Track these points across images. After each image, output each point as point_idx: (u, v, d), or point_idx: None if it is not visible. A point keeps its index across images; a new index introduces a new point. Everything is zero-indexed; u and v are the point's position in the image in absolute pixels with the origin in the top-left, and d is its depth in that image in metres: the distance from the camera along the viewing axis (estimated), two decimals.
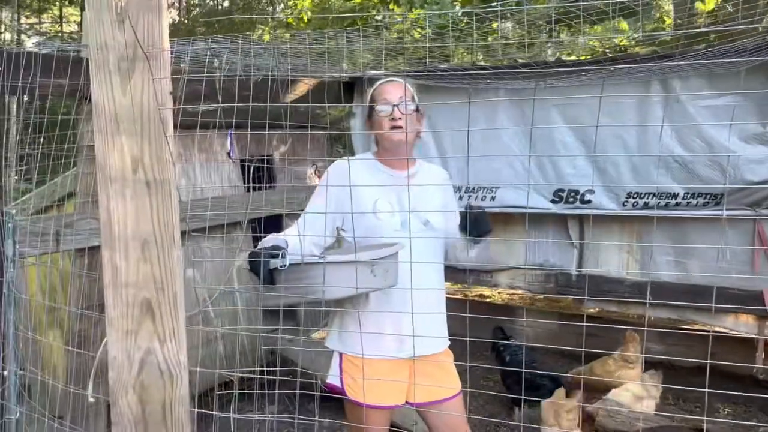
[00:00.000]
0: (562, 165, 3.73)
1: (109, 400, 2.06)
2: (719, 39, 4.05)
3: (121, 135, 1.51)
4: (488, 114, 3.85)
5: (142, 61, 1.50)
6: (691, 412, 3.65)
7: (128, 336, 1.55)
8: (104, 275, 1.56)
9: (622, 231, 3.87)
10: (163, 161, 1.52)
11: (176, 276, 1.55)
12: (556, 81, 3.47)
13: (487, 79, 3.57)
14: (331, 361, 2.06)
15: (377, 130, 2.05)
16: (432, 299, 2.00)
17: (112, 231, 1.53)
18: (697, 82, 3.39)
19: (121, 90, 1.51)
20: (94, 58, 1.52)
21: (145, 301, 1.53)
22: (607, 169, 3.64)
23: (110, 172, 1.52)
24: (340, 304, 2.01)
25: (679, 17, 6.90)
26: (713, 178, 3.40)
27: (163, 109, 1.51)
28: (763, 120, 3.26)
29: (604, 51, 5.89)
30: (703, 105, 3.37)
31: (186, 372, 1.58)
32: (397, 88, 2.03)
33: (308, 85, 3.63)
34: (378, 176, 2.06)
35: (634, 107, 3.55)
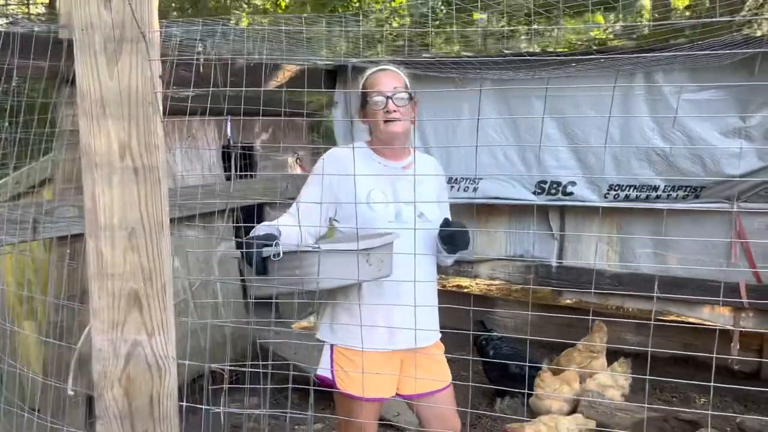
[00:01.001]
0: (545, 156, 3.74)
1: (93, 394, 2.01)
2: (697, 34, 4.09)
3: (107, 119, 1.45)
4: (473, 105, 3.84)
5: (130, 42, 1.44)
6: (669, 402, 3.71)
7: (114, 328, 1.50)
8: (89, 265, 1.50)
9: (603, 223, 3.90)
10: (152, 147, 1.47)
11: (165, 266, 1.50)
12: (542, 72, 3.47)
13: (477, 69, 3.54)
14: (322, 353, 2.03)
15: (371, 120, 2.01)
16: (424, 291, 1.98)
17: (98, 219, 1.47)
18: (679, 75, 3.42)
19: (107, 72, 1.45)
20: (79, 38, 1.45)
21: (132, 292, 1.48)
22: (590, 161, 3.65)
23: (96, 157, 1.46)
24: (332, 294, 1.98)
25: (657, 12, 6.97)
26: (694, 171, 3.43)
27: (153, 93, 1.45)
28: (744, 114, 3.30)
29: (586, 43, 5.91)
30: (684, 98, 3.39)
31: (174, 365, 1.53)
32: (391, 78, 1.99)
33: (291, 72, 3.57)
34: (372, 166, 2.03)
35: (618, 100, 3.56)
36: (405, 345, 1.98)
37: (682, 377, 3.97)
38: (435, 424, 2.07)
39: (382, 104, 1.96)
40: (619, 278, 3.81)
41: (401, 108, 1.98)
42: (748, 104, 3.29)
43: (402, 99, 1.97)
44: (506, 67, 3.52)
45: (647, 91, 3.47)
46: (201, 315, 3.29)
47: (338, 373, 1.97)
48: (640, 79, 3.49)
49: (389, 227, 1.92)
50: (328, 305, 2.02)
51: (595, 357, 3.57)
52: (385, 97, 1.95)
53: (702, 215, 3.55)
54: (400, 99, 1.97)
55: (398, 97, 1.96)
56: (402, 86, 1.99)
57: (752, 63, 3.21)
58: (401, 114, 1.99)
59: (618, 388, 3.23)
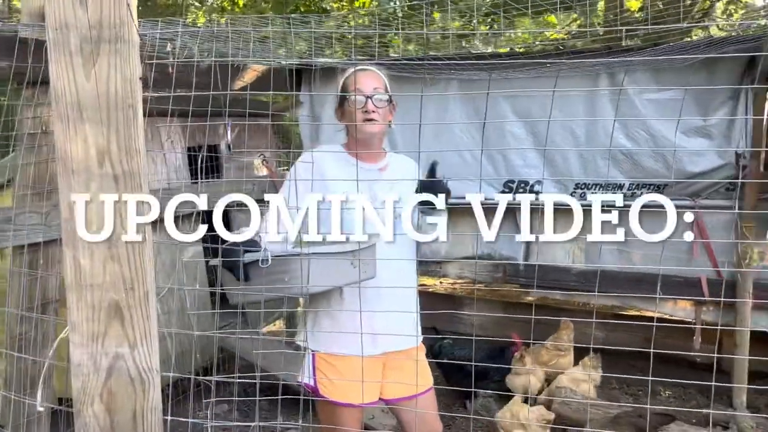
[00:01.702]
0: (512, 157, 3.76)
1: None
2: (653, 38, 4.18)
3: (84, 123, 1.39)
4: (440, 105, 3.84)
5: (108, 43, 1.38)
6: (636, 396, 3.79)
7: (94, 341, 1.44)
8: (66, 276, 1.43)
9: (568, 221, 3.94)
10: (133, 152, 1.41)
11: (147, 274, 1.45)
12: (509, 73, 3.49)
13: (450, 69, 3.54)
14: (303, 360, 1.99)
15: (348, 121, 1.98)
16: (406, 294, 1.97)
17: (75, 228, 1.41)
18: (643, 76, 3.49)
19: (84, 74, 1.38)
20: (53, 38, 1.39)
21: (113, 303, 1.42)
22: (556, 160, 3.70)
23: (72, 163, 1.40)
24: (313, 299, 1.95)
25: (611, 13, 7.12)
26: (657, 169, 3.51)
27: (134, 96, 1.39)
28: (704, 114, 3.39)
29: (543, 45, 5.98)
30: (647, 99, 3.47)
31: (158, 377, 1.48)
32: (372, 79, 1.97)
33: (256, 72, 3.50)
34: (348, 169, 2.00)
35: (583, 100, 3.61)
36: (387, 348, 1.96)
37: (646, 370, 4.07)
38: (417, 428, 2.06)
39: (361, 104, 1.94)
40: (585, 275, 3.87)
41: (380, 109, 1.96)
42: (709, 104, 3.38)
43: (381, 101, 1.96)
44: (472, 69, 3.53)
45: (611, 91, 3.54)
46: (167, 321, 3.20)
47: (321, 380, 1.94)
48: (604, 79, 3.55)
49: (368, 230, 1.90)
50: (309, 312, 1.99)
51: (562, 355, 3.63)
52: (365, 96, 1.93)
53: (665, 213, 3.62)
54: (380, 100, 1.95)
55: (378, 98, 1.95)
56: (382, 88, 1.97)
57: (711, 64, 3.31)
58: (379, 115, 1.97)
59: (591, 382, 3.28)
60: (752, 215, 3.39)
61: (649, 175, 3.53)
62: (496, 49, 5.04)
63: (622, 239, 1.51)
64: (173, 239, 1.56)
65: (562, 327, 3.73)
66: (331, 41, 4.33)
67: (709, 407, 3.32)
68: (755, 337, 3.44)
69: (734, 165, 3.42)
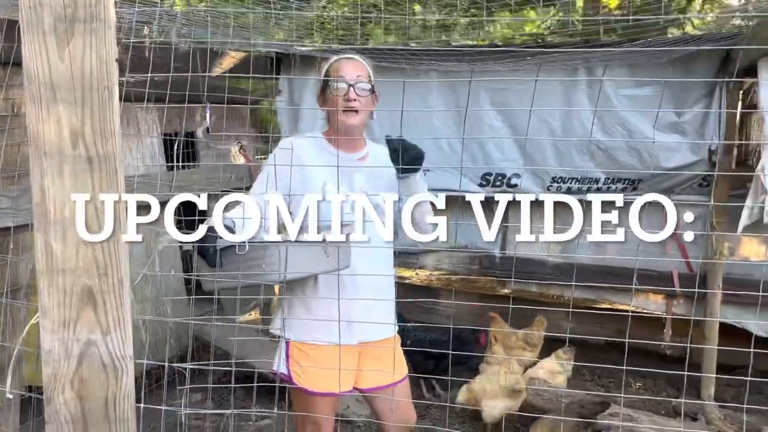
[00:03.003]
0: (490, 149, 3.78)
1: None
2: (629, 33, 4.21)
3: (57, 104, 1.36)
4: (421, 95, 3.83)
5: (83, 23, 1.35)
6: (606, 387, 3.84)
7: (66, 327, 1.41)
8: (37, 261, 1.40)
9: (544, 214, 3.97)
10: (108, 134, 1.38)
11: (122, 260, 1.42)
12: (488, 65, 3.50)
13: (430, 61, 3.53)
14: (277, 348, 1.98)
15: (330, 108, 1.97)
16: (381, 284, 1.96)
17: (47, 211, 1.38)
18: (619, 71, 3.52)
19: (58, 54, 1.35)
20: (26, 17, 1.35)
21: (85, 288, 1.40)
22: (533, 153, 3.72)
23: (45, 146, 1.37)
24: (288, 287, 1.94)
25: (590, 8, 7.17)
26: (632, 164, 3.55)
27: (109, 77, 1.36)
28: (679, 109, 3.43)
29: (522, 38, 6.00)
30: (624, 94, 3.50)
31: (132, 364, 1.46)
32: (356, 67, 1.96)
33: (235, 59, 3.46)
34: (327, 158, 1.98)
35: (560, 93, 3.63)
36: (363, 338, 1.96)
37: (617, 362, 4.14)
38: (391, 417, 2.07)
39: (343, 92, 1.93)
40: (560, 268, 3.91)
41: (362, 98, 1.95)
42: (684, 100, 3.42)
43: (364, 89, 1.95)
44: (451, 60, 3.53)
45: (588, 85, 3.56)
46: (141, 309, 3.16)
47: (294, 368, 1.93)
48: (582, 73, 3.57)
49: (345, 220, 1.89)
50: (283, 300, 1.98)
51: (528, 350, 3.66)
52: (347, 84, 1.92)
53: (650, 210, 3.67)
54: (362, 89, 1.94)
55: (360, 86, 1.93)
56: (365, 76, 1.96)
57: (687, 60, 3.34)
58: (361, 104, 1.96)
59: (564, 374, 3.33)
60: (723, 210, 3.44)
61: (624, 169, 3.57)
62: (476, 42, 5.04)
63: (622, 239, 1.51)
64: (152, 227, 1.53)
65: (535, 323, 3.76)
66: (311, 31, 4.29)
67: (678, 398, 3.38)
68: (723, 330, 3.51)
69: (707, 161, 3.47)
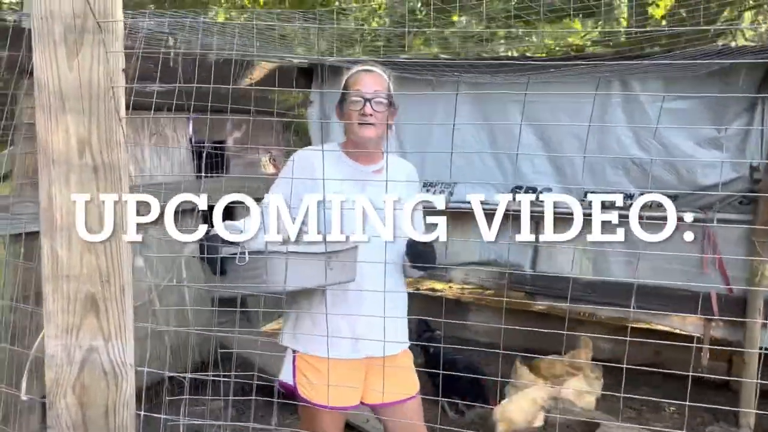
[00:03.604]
0: (521, 162, 3.72)
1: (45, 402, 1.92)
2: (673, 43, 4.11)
3: (66, 114, 1.38)
4: (448, 108, 3.80)
5: (92, 33, 1.37)
6: (639, 411, 3.71)
7: (69, 333, 1.43)
8: (43, 266, 1.43)
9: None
10: (114, 144, 1.40)
11: (124, 268, 1.43)
12: (520, 78, 3.44)
13: (454, 72, 3.51)
14: (284, 360, 1.97)
15: (346, 121, 1.95)
16: (391, 298, 1.93)
17: (53, 218, 1.40)
18: (655, 84, 3.42)
19: (67, 64, 1.38)
20: (38, 27, 1.38)
21: (89, 295, 1.41)
22: (565, 168, 3.64)
23: (53, 154, 1.39)
24: (295, 300, 1.93)
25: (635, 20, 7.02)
26: (668, 180, 3.43)
27: (115, 87, 1.38)
28: (718, 124, 3.31)
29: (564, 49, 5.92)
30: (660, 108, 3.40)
31: (132, 372, 1.47)
32: (374, 80, 1.93)
33: (266, 70, 3.49)
34: (343, 169, 1.97)
35: (594, 108, 3.55)
36: (369, 353, 1.92)
37: (652, 385, 4.00)
38: None
39: (359, 105, 1.91)
40: (593, 286, 3.80)
41: (378, 113, 1.92)
42: (723, 114, 3.30)
43: (381, 104, 1.92)
44: (483, 71, 3.49)
45: (624, 99, 3.47)
46: (166, 315, 3.20)
47: (300, 380, 1.91)
48: (616, 87, 3.49)
49: None
50: (291, 312, 1.96)
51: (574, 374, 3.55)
52: (363, 99, 1.90)
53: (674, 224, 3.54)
54: (379, 103, 1.91)
55: (377, 101, 1.91)
56: (384, 90, 1.93)
57: (727, 73, 3.22)
58: (377, 119, 1.93)
59: (593, 394, 3.22)
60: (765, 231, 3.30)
61: (659, 185, 3.46)
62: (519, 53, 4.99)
63: (622, 239, 1.45)
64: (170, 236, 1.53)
65: (583, 345, 3.66)
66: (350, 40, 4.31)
67: (714, 425, 3.24)
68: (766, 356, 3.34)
69: (748, 178, 3.33)
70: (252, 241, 1.55)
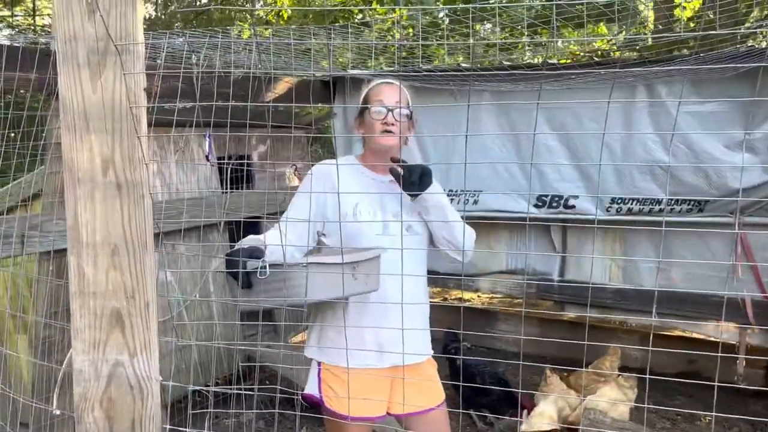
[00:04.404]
0: (546, 169, 3.68)
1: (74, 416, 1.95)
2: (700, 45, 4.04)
3: (90, 133, 1.42)
4: (472, 116, 3.79)
5: (114, 55, 1.40)
6: (673, 420, 3.63)
7: (95, 348, 1.45)
8: (71, 283, 1.46)
9: (606, 237, 3.84)
10: (136, 162, 1.43)
11: (148, 284, 1.46)
12: (544, 84, 3.42)
13: (475, 81, 3.50)
14: (309, 371, 1.98)
15: (367, 132, 1.97)
16: (414, 306, 1.93)
17: (80, 236, 1.43)
18: (681, 87, 3.36)
19: (90, 85, 1.41)
20: (62, 50, 1.42)
21: (114, 311, 1.44)
22: (591, 174, 3.60)
23: (78, 172, 1.43)
24: (319, 311, 1.94)
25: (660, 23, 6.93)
26: (697, 184, 3.37)
27: (137, 107, 1.41)
28: (748, 126, 3.24)
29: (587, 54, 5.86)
30: (687, 111, 3.34)
31: (158, 386, 1.49)
32: (395, 92, 1.96)
33: (289, 84, 3.53)
34: (361, 180, 1.99)
35: (620, 112, 3.51)
36: (394, 362, 1.92)
37: (686, 392, 3.91)
38: None
39: (382, 115, 1.93)
40: (622, 293, 3.74)
41: (399, 123, 1.96)
42: (753, 116, 3.23)
43: (403, 115, 1.95)
44: (505, 79, 3.48)
45: (649, 103, 3.42)
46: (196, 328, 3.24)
47: (326, 391, 1.92)
48: (641, 91, 3.44)
49: (376, 240, 1.88)
50: (315, 322, 1.98)
51: (602, 381, 3.49)
52: (386, 109, 1.93)
53: (708, 232, 3.48)
54: (401, 114, 1.94)
55: (398, 112, 1.94)
56: (404, 103, 1.96)
57: (756, 74, 3.16)
58: (397, 129, 1.96)
59: (628, 403, 3.17)
60: None
61: (688, 190, 3.40)
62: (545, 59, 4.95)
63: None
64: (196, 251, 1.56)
65: (609, 353, 3.62)
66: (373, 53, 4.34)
67: None
68: None
69: None
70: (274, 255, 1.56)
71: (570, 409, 3.27)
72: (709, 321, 3.61)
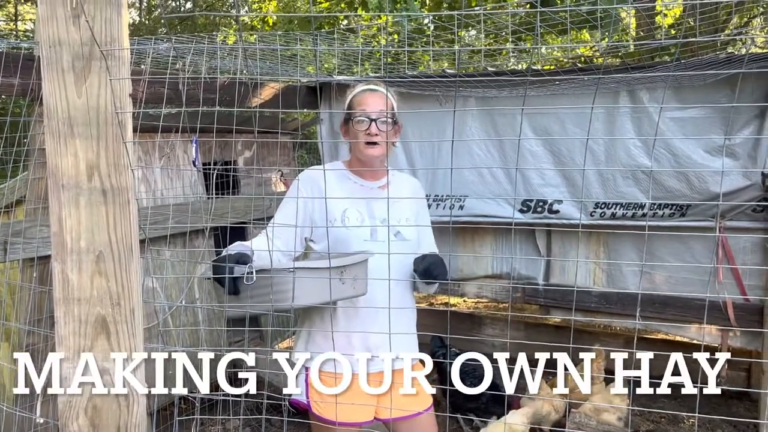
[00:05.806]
0: (531, 174, 3.71)
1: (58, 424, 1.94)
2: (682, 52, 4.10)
3: (75, 139, 1.41)
4: (457, 122, 3.81)
5: (99, 60, 1.40)
6: (657, 423, 3.66)
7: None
8: (55, 290, 1.45)
9: (590, 241, 3.87)
10: (121, 168, 1.42)
11: (134, 290, 1.45)
12: (528, 90, 3.45)
13: (460, 87, 3.52)
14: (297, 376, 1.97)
15: (352, 140, 1.98)
16: (401, 311, 1.94)
17: (64, 242, 1.42)
18: (662, 93, 3.40)
19: (75, 90, 1.41)
20: (47, 55, 1.41)
21: (99, 318, 1.43)
22: (575, 178, 3.63)
23: (63, 178, 1.42)
24: (307, 316, 1.94)
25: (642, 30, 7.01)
26: (680, 189, 3.41)
27: (122, 112, 1.41)
28: (728, 131, 3.29)
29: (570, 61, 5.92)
30: (669, 116, 3.38)
31: (144, 393, 1.48)
32: (379, 100, 1.96)
33: (275, 89, 3.53)
34: (348, 186, 1.99)
35: (603, 118, 3.55)
36: (382, 367, 1.92)
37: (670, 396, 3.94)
38: None
39: (365, 126, 1.93)
40: (606, 297, 3.77)
41: (383, 133, 1.95)
42: (733, 122, 3.28)
43: (385, 123, 1.95)
44: (490, 85, 3.50)
45: (632, 109, 3.46)
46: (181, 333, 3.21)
47: (313, 396, 1.92)
48: (624, 96, 3.48)
49: (364, 246, 1.88)
50: (303, 327, 1.98)
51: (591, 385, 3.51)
52: (369, 119, 1.92)
53: (691, 236, 3.52)
54: (384, 123, 1.94)
55: (382, 121, 1.94)
56: (388, 109, 1.96)
57: (735, 81, 3.21)
58: (382, 138, 1.96)
59: (613, 412, 3.17)
60: None
61: (671, 195, 3.44)
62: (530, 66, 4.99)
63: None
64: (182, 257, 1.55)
65: (595, 356, 3.63)
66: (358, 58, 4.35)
67: None
68: None
69: (761, 185, 3.30)
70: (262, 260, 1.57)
71: (555, 412, 3.29)
72: (691, 324, 3.65)
